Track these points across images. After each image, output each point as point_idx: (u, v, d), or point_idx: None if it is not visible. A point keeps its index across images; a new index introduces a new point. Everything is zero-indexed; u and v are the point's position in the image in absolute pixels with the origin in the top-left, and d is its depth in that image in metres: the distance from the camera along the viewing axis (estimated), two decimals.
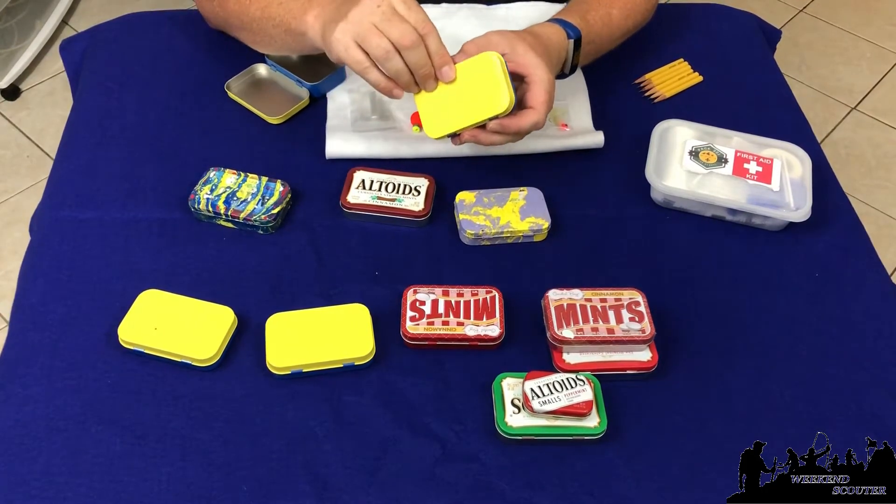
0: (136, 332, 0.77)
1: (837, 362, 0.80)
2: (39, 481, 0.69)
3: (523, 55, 0.83)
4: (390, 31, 0.76)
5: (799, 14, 2.37)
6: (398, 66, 0.78)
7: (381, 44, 0.76)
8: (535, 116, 0.83)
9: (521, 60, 0.83)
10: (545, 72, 0.83)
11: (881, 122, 2.07)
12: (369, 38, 0.76)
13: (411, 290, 0.81)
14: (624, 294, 0.80)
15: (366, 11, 0.76)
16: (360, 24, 0.76)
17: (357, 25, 0.77)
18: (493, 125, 0.84)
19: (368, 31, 0.76)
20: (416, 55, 0.77)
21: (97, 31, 1.11)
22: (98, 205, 0.90)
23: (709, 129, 0.96)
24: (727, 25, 1.17)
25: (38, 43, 2.07)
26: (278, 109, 0.99)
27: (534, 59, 0.83)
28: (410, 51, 0.77)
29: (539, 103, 0.83)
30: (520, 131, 0.84)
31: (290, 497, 0.69)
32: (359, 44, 0.77)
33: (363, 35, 0.77)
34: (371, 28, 0.76)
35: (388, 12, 0.76)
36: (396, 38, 0.76)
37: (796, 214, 0.88)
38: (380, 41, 0.76)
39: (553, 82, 0.84)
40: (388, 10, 0.76)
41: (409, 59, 0.78)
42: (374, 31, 0.76)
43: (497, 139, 0.85)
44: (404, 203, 0.89)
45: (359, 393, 0.76)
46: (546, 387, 0.73)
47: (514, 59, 0.83)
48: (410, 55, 0.77)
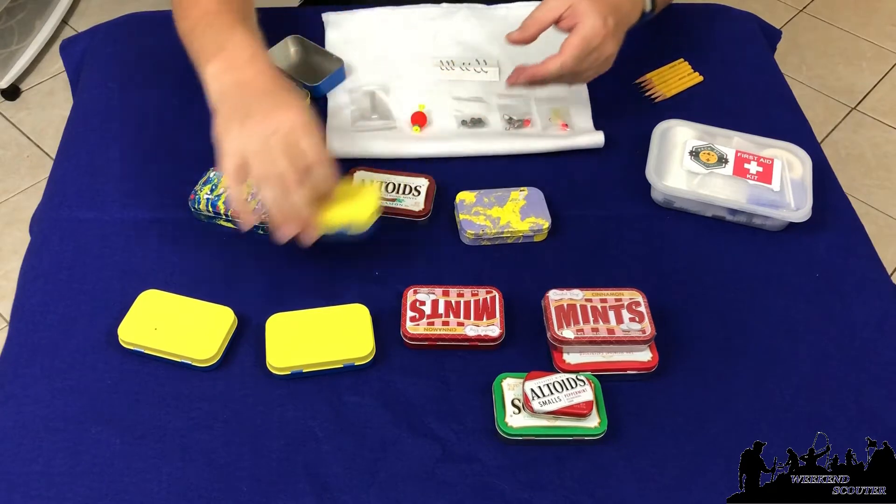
0: (136, 333, 0.77)
1: (837, 362, 0.80)
2: (39, 481, 0.69)
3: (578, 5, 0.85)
4: (277, 162, 0.71)
5: (799, 14, 2.37)
6: (271, 197, 0.72)
7: (263, 172, 0.71)
8: (558, 59, 0.86)
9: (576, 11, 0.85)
10: (593, 20, 0.85)
11: (881, 122, 2.07)
12: (252, 160, 0.71)
13: (411, 290, 0.81)
14: (624, 294, 0.80)
15: (262, 128, 0.71)
16: (253, 139, 0.71)
17: (250, 138, 0.72)
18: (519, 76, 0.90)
19: (258, 152, 0.71)
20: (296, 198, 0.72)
21: (97, 31, 1.11)
22: (98, 205, 0.90)
23: (709, 129, 0.96)
24: (727, 25, 1.17)
25: (38, 43, 2.07)
26: None
27: (587, 8, 0.85)
28: (290, 193, 0.71)
29: (566, 46, 0.86)
30: (548, 76, 0.87)
31: (290, 497, 0.69)
32: (243, 158, 0.72)
33: (250, 152, 0.71)
34: (258, 149, 0.71)
35: (282, 141, 0.71)
36: (281, 171, 0.71)
37: (796, 214, 0.88)
38: (265, 169, 0.71)
39: (597, 31, 0.85)
40: (282, 139, 0.71)
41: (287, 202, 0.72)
42: (260, 153, 0.71)
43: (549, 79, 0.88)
44: (404, 203, 0.89)
45: (359, 393, 0.76)
46: (546, 387, 0.73)
47: (570, 14, 0.86)
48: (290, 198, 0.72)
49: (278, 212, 0.72)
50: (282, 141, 0.71)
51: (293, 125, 0.72)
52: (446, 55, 1.07)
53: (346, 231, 0.76)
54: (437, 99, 1.01)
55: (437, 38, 1.09)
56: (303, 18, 1.11)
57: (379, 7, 1.12)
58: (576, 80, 0.91)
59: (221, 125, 0.74)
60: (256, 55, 0.79)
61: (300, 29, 1.07)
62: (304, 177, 0.72)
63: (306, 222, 0.73)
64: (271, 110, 0.73)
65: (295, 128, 0.72)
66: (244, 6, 0.87)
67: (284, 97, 0.75)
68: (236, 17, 0.82)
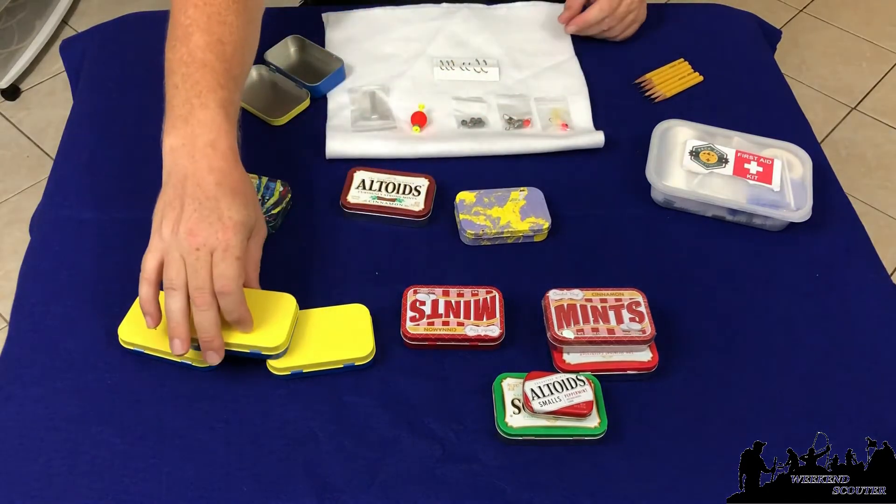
0: (136, 332, 0.77)
1: (837, 362, 0.80)
2: (39, 481, 0.69)
3: None
4: (191, 272, 0.70)
5: (799, 14, 2.37)
6: (174, 308, 0.71)
7: (171, 279, 0.71)
8: (596, 6, 1.04)
9: None
10: None
11: (881, 122, 2.07)
12: (169, 264, 0.71)
13: (411, 290, 0.81)
14: (624, 294, 0.80)
15: (191, 240, 0.70)
16: (175, 247, 0.71)
17: (173, 244, 0.71)
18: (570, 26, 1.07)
19: (173, 258, 0.71)
20: (201, 318, 0.71)
21: (97, 31, 1.11)
22: (98, 205, 0.90)
23: (709, 129, 0.96)
24: (727, 25, 1.17)
25: (38, 43, 2.07)
26: (280, 111, 0.99)
27: None
28: (198, 310, 0.71)
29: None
30: (588, 23, 1.05)
31: (290, 497, 0.69)
32: (163, 260, 0.72)
33: (170, 259, 0.71)
34: (177, 257, 0.71)
35: (204, 259, 0.70)
36: (191, 290, 0.71)
37: (797, 215, 0.88)
38: (173, 276, 0.71)
39: None
40: (204, 255, 0.70)
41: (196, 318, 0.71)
42: (177, 261, 0.71)
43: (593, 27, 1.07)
44: (404, 203, 0.89)
45: (359, 393, 0.76)
46: (546, 387, 0.73)
47: None
48: (197, 315, 0.71)
49: (177, 325, 0.71)
50: (203, 259, 0.70)
51: (217, 247, 0.71)
52: (446, 55, 1.07)
53: (258, 353, 0.74)
54: (437, 99, 1.01)
55: (437, 38, 1.09)
56: (303, 18, 1.11)
57: (379, 7, 1.12)
58: (618, 28, 1.08)
59: (157, 215, 0.74)
60: (218, 141, 0.75)
61: (300, 29, 1.07)
62: (212, 299, 0.71)
63: (215, 345, 0.72)
64: (204, 226, 0.71)
65: (218, 250, 0.71)
66: (238, 54, 0.82)
67: (224, 207, 0.72)
68: (219, 76, 0.78)
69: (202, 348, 0.73)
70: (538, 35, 1.11)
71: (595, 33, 1.08)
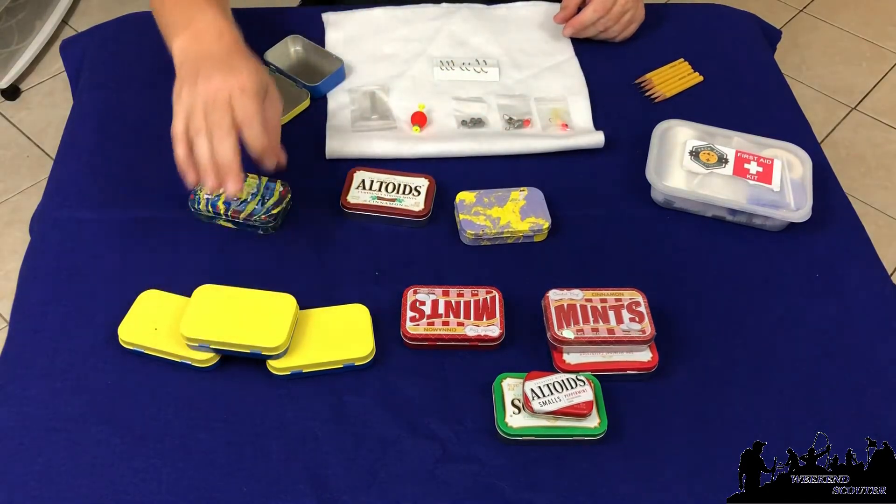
0: (136, 333, 0.77)
1: (837, 362, 0.80)
2: (39, 481, 0.69)
3: None
4: (210, 115, 0.76)
5: (799, 14, 2.37)
6: (201, 151, 0.76)
7: (196, 125, 0.76)
8: (589, 10, 1.05)
9: None
10: None
11: (881, 122, 2.07)
12: (193, 116, 0.76)
13: (411, 290, 0.81)
14: (624, 294, 0.80)
15: (209, 89, 0.76)
16: (196, 99, 0.76)
17: (194, 98, 0.77)
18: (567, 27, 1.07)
19: (195, 110, 0.76)
20: (220, 148, 0.76)
21: (97, 31, 1.11)
22: (98, 205, 0.90)
23: (709, 129, 0.96)
24: (727, 25, 1.17)
25: (38, 43, 2.07)
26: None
27: None
28: (217, 142, 0.76)
29: (596, 0, 1.04)
30: (583, 24, 1.06)
31: (290, 497, 0.69)
32: (188, 118, 0.77)
33: (192, 111, 0.76)
34: (199, 109, 0.76)
35: (222, 100, 0.76)
36: (210, 125, 0.76)
37: (796, 215, 0.88)
38: (198, 122, 0.76)
39: None
40: (222, 98, 0.76)
41: (215, 150, 0.76)
42: (199, 111, 0.76)
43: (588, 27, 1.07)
44: (404, 203, 0.89)
45: (359, 393, 0.76)
46: (546, 387, 0.73)
47: None
48: (217, 146, 0.76)
49: (206, 163, 0.76)
50: (221, 101, 0.76)
51: (233, 88, 0.76)
52: (446, 55, 1.07)
53: (258, 353, 0.75)
54: (437, 99, 1.01)
55: (437, 38, 1.09)
56: (303, 18, 1.11)
57: (379, 7, 1.12)
58: (615, 29, 1.08)
59: (175, 89, 0.79)
60: (223, 34, 0.82)
61: (300, 29, 1.07)
62: (230, 130, 0.75)
63: (233, 172, 0.76)
64: (219, 74, 0.77)
65: (234, 90, 0.76)
66: None
67: (237, 63, 0.79)
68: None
69: (224, 177, 0.76)
70: (538, 35, 1.11)
71: (593, 35, 1.08)
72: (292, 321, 0.76)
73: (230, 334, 0.75)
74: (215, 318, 0.76)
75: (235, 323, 0.75)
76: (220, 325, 0.75)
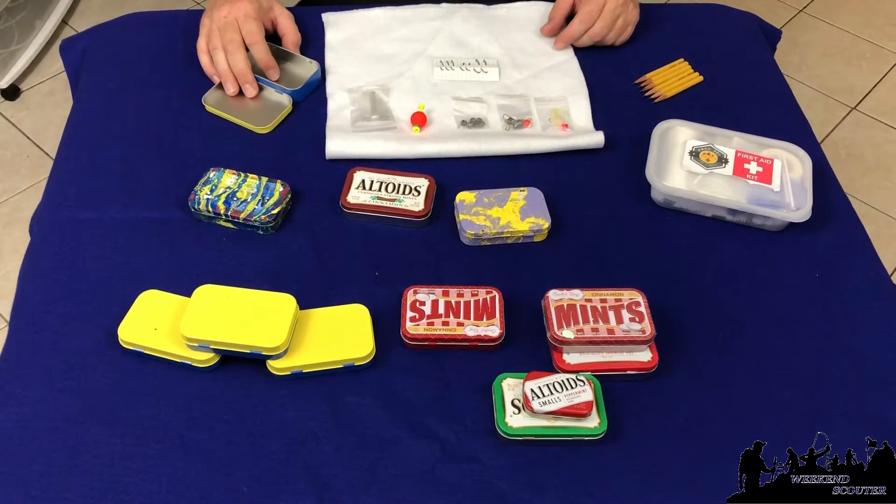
0: (136, 333, 0.77)
1: (837, 362, 0.80)
2: (39, 481, 0.69)
3: None
4: (224, 34, 1.00)
5: (799, 14, 2.37)
6: (220, 59, 1.00)
7: (214, 43, 1.00)
8: (576, 21, 1.06)
9: None
10: None
11: (881, 122, 2.07)
12: (212, 36, 1.01)
13: (411, 290, 0.81)
14: (624, 294, 0.80)
15: (220, 15, 1.01)
16: (213, 24, 1.01)
17: (212, 23, 1.01)
18: (558, 38, 1.09)
19: (213, 31, 1.01)
20: (233, 60, 0.99)
21: (97, 31, 1.11)
22: (98, 205, 0.90)
23: (709, 129, 0.96)
24: (727, 25, 1.17)
25: (38, 43, 2.07)
26: (264, 118, 0.98)
27: None
28: (230, 55, 0.99)
29: (581, 11, 1.06)
30: (573, 36, 1.07)
31: (290, 497, 0.69)
32: (208, 37, 1.01)
33: (210, 32, 1.01)
34: (215, 30, 1.00)
35: (231, 22, 1.00)
36: (224, 43, 0.99)
37: (796, 215, 0.88)
38: (215, 41, 1.00)
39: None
40: (231, 21, 1.00)
41: (230, 61, 0.99)
42: (216, 32, 1.00)
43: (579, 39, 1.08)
44: (404, 203, 0.89)
45: (359, 393, 0.76)
46: (546, 387, 0.73)
47: None
48: (230, 58, 0.99)
49: (224, 71, 1.00)
50: (231, 23, 1.00)
51: (238, 15, 1.00)
52: (446, 55, 1.07)
53: (258, 353, 0.75)
54: (437, 99, 1.01)
55: (437, 38, 1.09)
56: (302, 18, 1.11)
57: (379, 7, 1.12)
58: (611, 36, 1.08)
59: (202, 18, 1.04)
60: None
61: (299, 29, 1.07)
62: (241, 45, 0.99)
63: (248, 78, 1.00)
64: (226, 5, 1.01)
65: (239, 16, 1.00)
66: None
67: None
68: None
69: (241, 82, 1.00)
70: (538, 35, 1.11)
71: (588, 43, 1.08)
72: (292, 321, 0.76)
73: (230, 334, 0.75)
74: (215, 318, 0.76)
75: (235, 323, 0.75)
76: (220, 325, 0.75)
